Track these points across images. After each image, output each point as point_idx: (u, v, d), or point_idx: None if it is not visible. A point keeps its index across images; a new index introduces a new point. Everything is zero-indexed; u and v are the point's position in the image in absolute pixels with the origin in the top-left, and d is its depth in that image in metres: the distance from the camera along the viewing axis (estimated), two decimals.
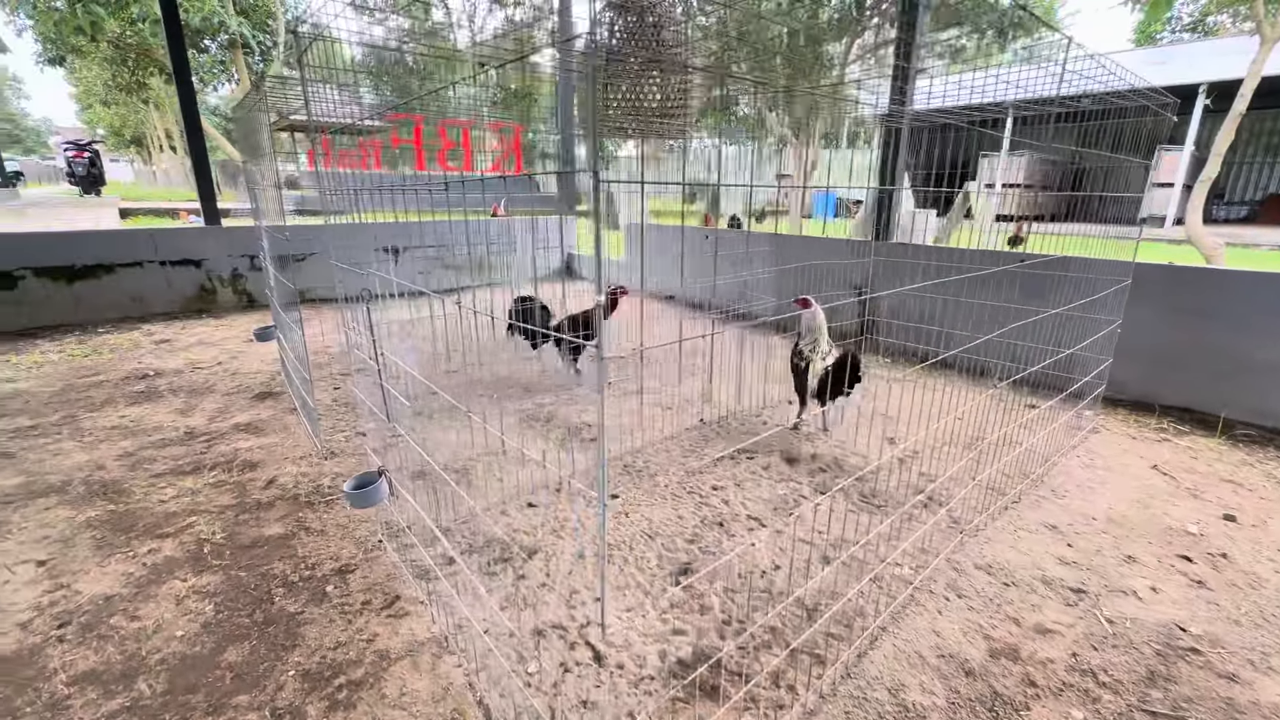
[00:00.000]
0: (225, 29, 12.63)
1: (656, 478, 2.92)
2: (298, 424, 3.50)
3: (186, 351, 4.89)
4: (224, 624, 1.91)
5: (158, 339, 5.23)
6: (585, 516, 2.55)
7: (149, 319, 5.85)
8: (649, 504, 2.69)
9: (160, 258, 5.96)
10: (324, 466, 2.97)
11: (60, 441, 3.19)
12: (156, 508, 2.58)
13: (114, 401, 3.78)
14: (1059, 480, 2.93)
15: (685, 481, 2.88)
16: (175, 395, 3.92)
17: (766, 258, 5.30)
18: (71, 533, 2.39)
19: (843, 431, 3.49)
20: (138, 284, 5.87)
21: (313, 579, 2.14)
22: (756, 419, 3.71)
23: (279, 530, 2.43)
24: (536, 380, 4.34)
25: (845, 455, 3.19)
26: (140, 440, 3.23)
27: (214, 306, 6.31)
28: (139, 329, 5.53)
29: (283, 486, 2.77)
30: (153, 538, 2.36)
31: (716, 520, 2.53)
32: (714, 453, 3.20)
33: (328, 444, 3.21)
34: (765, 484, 2.86)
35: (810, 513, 2.62)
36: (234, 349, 5.00)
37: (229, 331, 5.56)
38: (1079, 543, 2.42)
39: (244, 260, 6.41)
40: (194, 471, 2.91)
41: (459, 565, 2.19)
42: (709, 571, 2.18)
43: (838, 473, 3.02)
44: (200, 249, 6.15)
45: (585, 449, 3.21)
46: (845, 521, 2.54)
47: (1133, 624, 1.97)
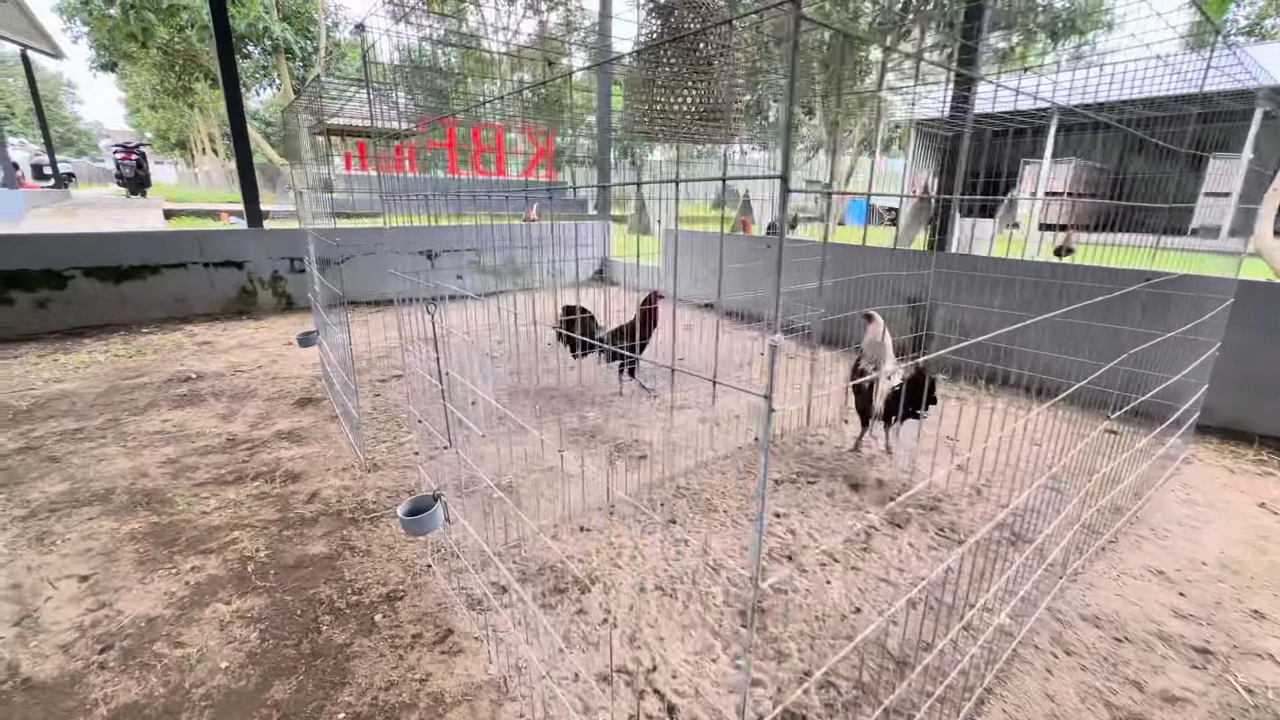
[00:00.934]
0: (269, 35, 12.92)
1: (713, 502, 2.74)
2: (339, 433, 3.41)
3: (228, 354, 4.88)
4: (270, 654, 1.80)
5: (199, 340, 5.24)
6: (643, 544, 2.39)
7: (191, 320, 5.89)
8: (708, 530, 2.52)
9: (204, 259, 6.00)
10: (367, 480, 2.86)
11: (104, 446, 3.15)
12: (199, 520, 2.49)
13: (157, 405, 3.75)
14: (1156, 518, 2.68)
15: (745, 507, 2.70)
16: (217, 399, 3.88)
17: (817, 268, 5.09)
18: (114, 545, 2.31)
19: (907, 455, 3.27)
20: (181, 285, 5.92)
21: (360, 605, 2.01)
22: (812, 438, 3.51)
23: (323, 549, 2.32)
24: (580, 391, 4.21)
25: (914, 482, 2.97)
26: (183, 446, 3.17)
27: (254, 308, 6.33)
28: (181, 330, 5.56)
29: (326, 501, 2.67)
30: (196, 553, 2.27)
31: (785, 553, 2.35)
32: (773, 474, 3.01)
33: (370, 455, 3.11)
34: (832, 512, 2.67)
35: (886, 546, 2.42)
36: (274, 352, 4.98)
37: (269, 334, 5.56)
38: (1193, 592, 2.17)
39: (284, 262, 6.43)
40: (236, 481, 2.83)
41: (513, 595, 2.05)
42: (783, 613, 2.00)
43: (908, 501, 2.81)
44: (242, 251, 6.18)
45: (636, 468, 3.06)
46: (925, 558, 2.33)
47: (1277, 695, 1.73)
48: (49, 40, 14.53)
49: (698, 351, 5.03)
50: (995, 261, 4.32)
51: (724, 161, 2.53)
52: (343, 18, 18.91)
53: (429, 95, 5.10)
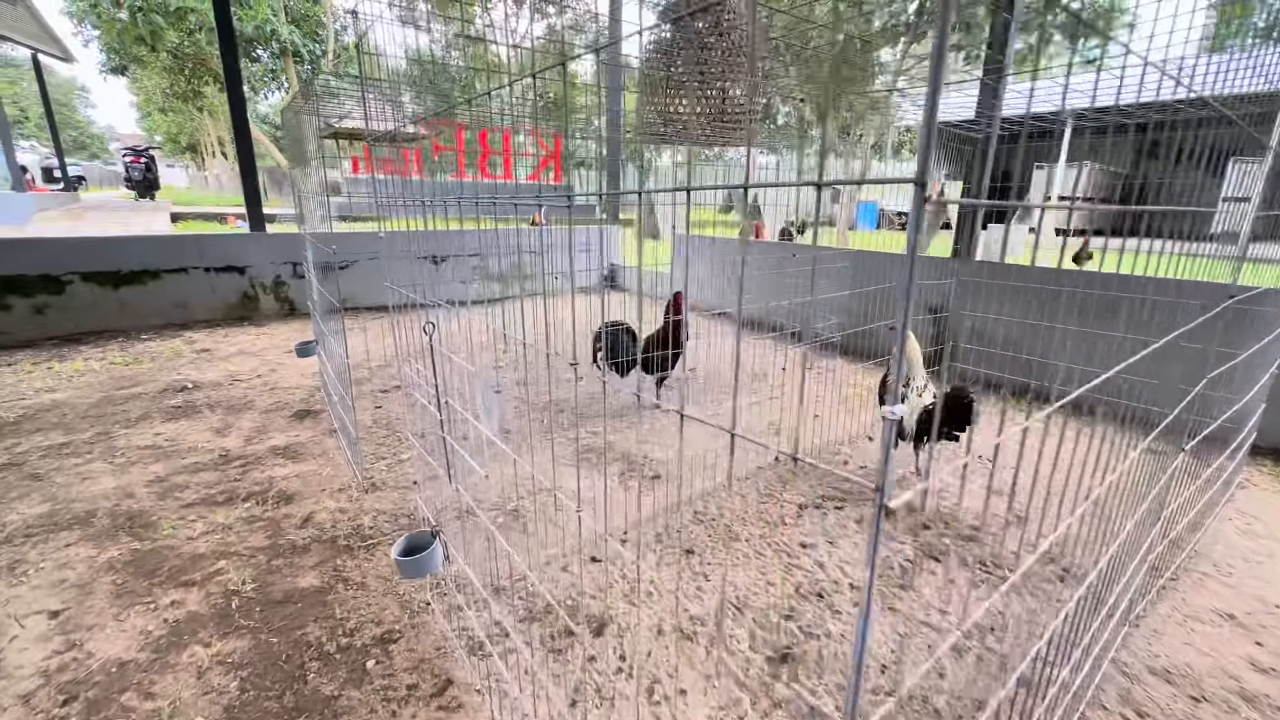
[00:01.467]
0: (277, 38, 12.87)
1: (734, 529, 2.55)
2: (337, 449, 3.25)
3: (227, 362, 4.74)
4: (249, 708, 1.62)
5: (199, 348, 5.11)
6: (660, 579, 2.20)
7: (191, 326, 5.76)
8: (729, 561, 2.33)
9: (205, 264, 5.87)
10: (364, 502, 2.69)
11: (91, 462, 2.99)
12: (184, 547, 2.33)
13: (150, 417, 3.60)
14: (1217, 552, 2.46)
15: (768, 535, 2.51)
16: (212, 411, 3.73)
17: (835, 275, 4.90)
18: (91, 576, 2.15)
19: (938, 477, 3.07)
20: (182, 290, 5.79)
21: (351, 649, 1.84)
22: (835, 456, 3.31)
23: (315, 581, 2.15)
24: (587, 404, 4.03)
25: (949, 508, 2.77)
26: (173, 463, 3.01)
27: (256, 314, 6.20)
28: (181, 336, 5.43)
29: (320, 526, 2.49)
30: (177, 586, 2.11)
31: (814, 590, 2.15)
32: (795, 498, 2.82)
33: (368, 474, 2.94)
34: (862, 542, 2.47)
35: (924, 582, 2.22)
36: (274, 360, 4.83)
37: (270, 340, 5.41)
38: (1271, 641, 1.96)
39: (286, 267, 6.30)
40: (226, 503, 2.66)
41: (517, 640, 1.86)
42: (816, 661, 1.81)
43: (943, 529, 2.61)
44: (244, 255, 6.06)
45: (651, 489, 2.87)
46: (967, 596, 2.13)
47: None
48: (59, 44, 14.56)
49: (705, 363, 4.84)
50: (1026, 270, 4.11)
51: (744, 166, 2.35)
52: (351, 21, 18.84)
53: (434, 96, 4.95)
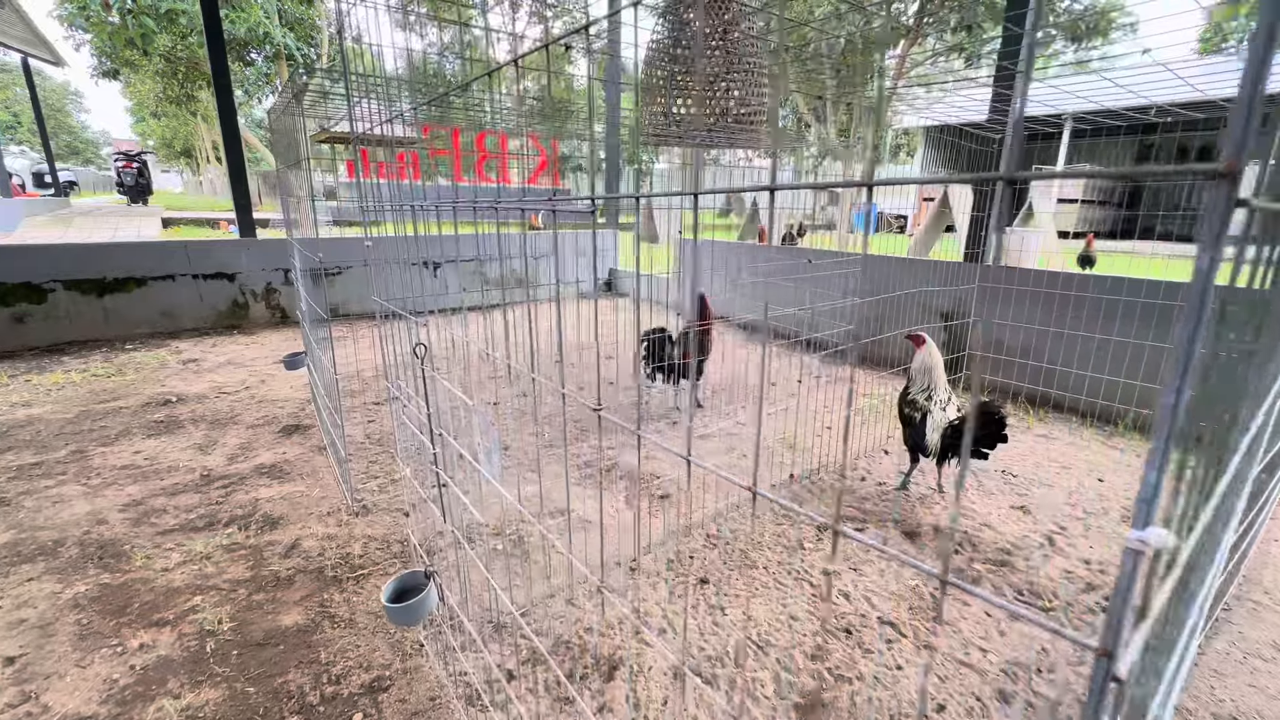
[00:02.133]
0: (270, 41, 12.70)
1: (750, 555, 2.39)
2: (327, 468, 3.07)
3: (214, 373, 4.55)
4: None
5: (185, 358, 4.92)
6: (673, 612, 2.03)
7: (179, 335, 5.58)
8: (747, 592, 2.16)
9: (193, 271, 5.69)
10: (354, 527, 2.52)
11: (63, 484, 2.81)
12: (157, 580, 2.15)
13: (130, 433, 3.42)
14: (1268, 577, 2.31)
15: (787, 562, 2.34)
16: (196, 426, 3.55)
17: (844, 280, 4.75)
18: (54, 615, 1.97)
19: (960, 493, 2.91)
20: (169, 298, 5.61)
21: (337, 700, 1.66)
22: (852, 472, 3.15)
23: (299, 619, 1.97)
24: (588, 417, 3.86)
25: (975, 528, 2.61)
26: (151, 485, 2.83)
27: (246, 322, 6.02)
28: (167, 346, 5.24)
29: (306, 554, 2.32)
30: (147, 626, 1.93)
31: (841, 625, 1.99)
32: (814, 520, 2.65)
33: (359, 496, 2.77)
34: (888, 569, 2.31)
35: (959, 614, 2.06)
36: (264, 371, 4.65)
37: (259, 350, 5.23)
38: None
39: (278, 274, 6.12)
40: (206, 528, 2.49)
41: (519, 689, 1.69)
42: (849, 708, 1.65)
43: (972, 553, 2.45)
44: (234, 262, 5.88)
45: (659, 510, 2.70)
46: (1008, 630, 1.97)
47: None
48: (49, 48, 14.37)
49: (715, 372, 4.69)
50: (1044, 274, 3.96)
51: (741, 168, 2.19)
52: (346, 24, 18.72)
53: (426, 99, 4.80)
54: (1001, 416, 2.47)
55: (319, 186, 3.51)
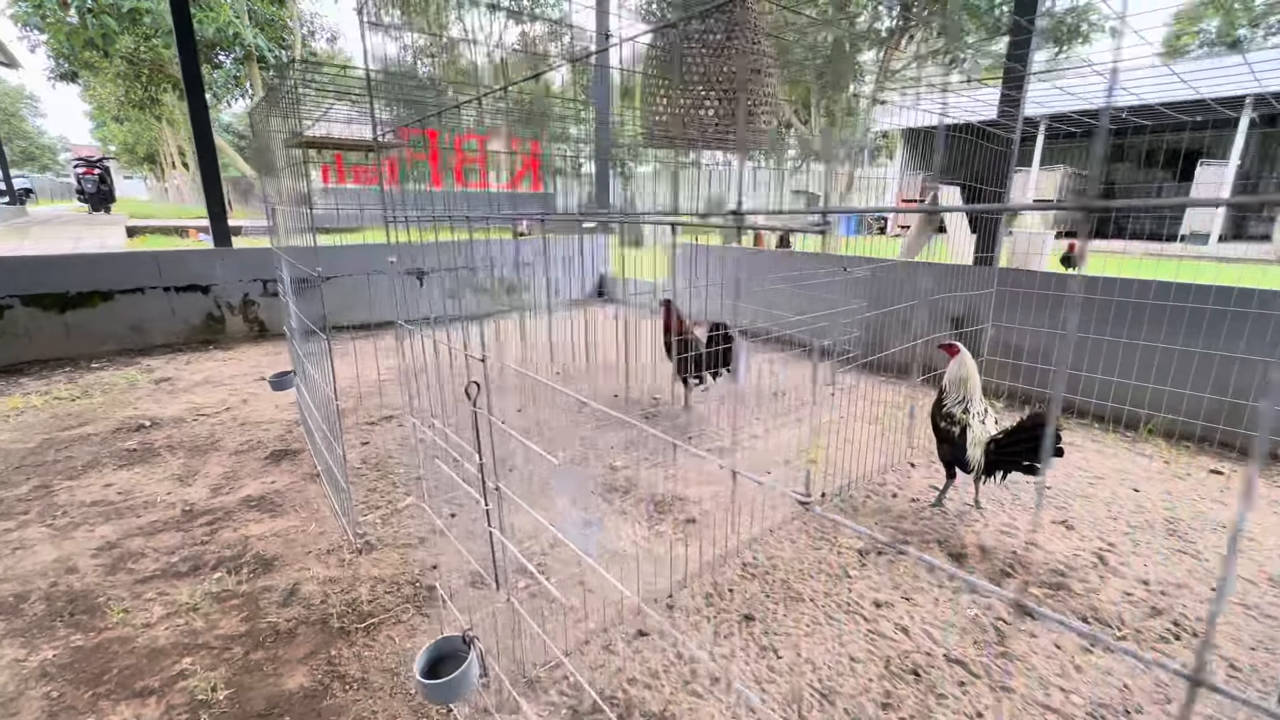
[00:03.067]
0: (240, 41, 12.23)
1: (794, 585, 2.22)
2: (321, 497, 2.83)
3: (190, 393, 4.25)
4: None
5: (158, 377, 4.60)
6: (721, 655, 1.85)
7: (149, 352, 5.23)
8: (798, 630, 1.99)
9: (164, 283, 5.35)
10: (359, 567, 2.29)
11: (25, 527, 2.52)
12: (138, 639, 1.90)
13: (100, 464, 3.13)
14: None
15: (834, 591, 2.18)
16: (174, 454, 3.27)
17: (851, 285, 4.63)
18: (17, 688, 1.71)
19: (997, 507, 2.79)
20: (138, 312, 5.26)
21: None
22: (882, 488, 3.01)
23: (304, 681, 1.75)
24: (595, 433, 3.67)
25: (1022, 548, 2.48)
26: (126, 524, 2.56)
27: (222, 337, 5.68)
28: (137, 364, 4.90)
29: (307, 602, 2.09)
30: (129, 696, 1.68)
31: (906, 666, 1.83)
32: (852, 541, 2.50)
33: (361, 529, 2.54)
34: (941, 596, 2.16)
35: (1028, 648, 1.92)
36: (244, 390, 4.36)
37: (238, 367, 4.93)
38: None
39: (255, 285, 5.81)
40: (192, 574, 2.24)
41: None
42: None
43: (1024, 573, 2.32)
44: (208, 273, 5.55)
45: (687, 535, 2.52)
46: (1083, 665, 1.84)
47: None
48: (3, 49, 13.68)
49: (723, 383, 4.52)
50: (1059, 278, 3.89)
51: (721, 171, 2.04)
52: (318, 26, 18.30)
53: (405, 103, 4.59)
54: (1055, 431, 2.35)
55: (298, 193, 3.26)
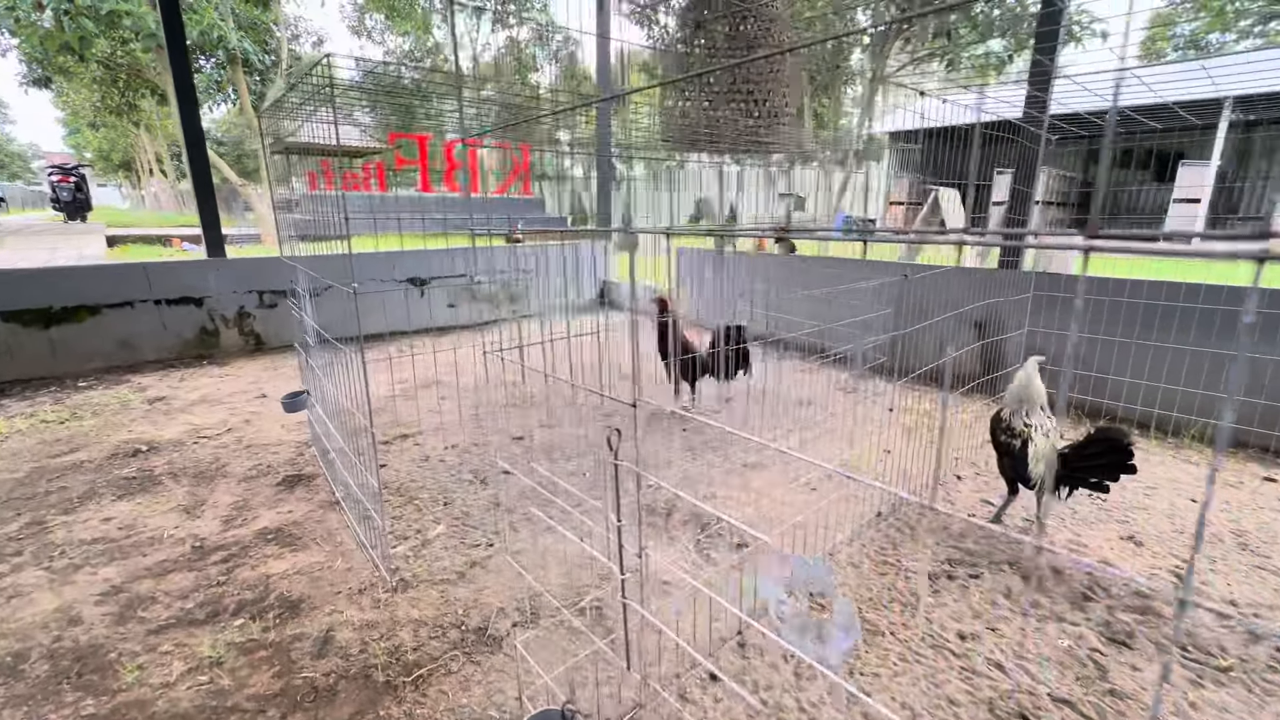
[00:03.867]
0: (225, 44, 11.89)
1: (869, 617, 2.07)
2: (343, 527, 2.63)
3: (187, 413, 4.01)
4: None
5: (151, 396, 4.34)
6: (809, 702, 1.69)
7: (140, 369, 4.96)
8: (885, 669, 1.84)
9: (155, 295, 5.09)
10: (396, 608, 2.10)
11: (19, 571, 2.29)
12: (158, 703, 1.70)
13: (97, 495, 2.89)
14: None
15: (911, 621, 2.04)
16: (176, 482, 3.04)
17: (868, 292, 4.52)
18: None
19: (1058, 522, 2.67)
20: (127, 327, 4.99)
21: None
22: (942, 499, 2.88)
23: None
24: None
25: (1097, 568, 2.36)
26: (132, 564, 2.34)
27: (217, 351, 5.43)
28: (128, 382, 4.64)
29: (345, 651, 1.89)
30: None
31: (1011, 709, 1.69)
32: (916, 563, 2.36)
33: (393, 563, 2.34)
34: (1026, 624, 2.02)
35: (1132, 683, 1.78)
36: (246, 408, 4.12)
37: (236, 383, 4.68)
38: None
39: (251, 296, 5.56)
40: (211, 620, 2.03)
41: None
42: None
43: (1105, 596, 2.19)
44: (201, 285, 5.30)
45: (742, 561, 2.36)
46: (1201, 704, 1.71)
47: None
48: None
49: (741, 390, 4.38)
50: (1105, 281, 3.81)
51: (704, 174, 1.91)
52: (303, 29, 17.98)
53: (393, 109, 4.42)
54: (1129, 443, 2.23)
55: (280, 199, 3.07)
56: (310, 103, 2.33)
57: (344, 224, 1.90)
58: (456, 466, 3.24)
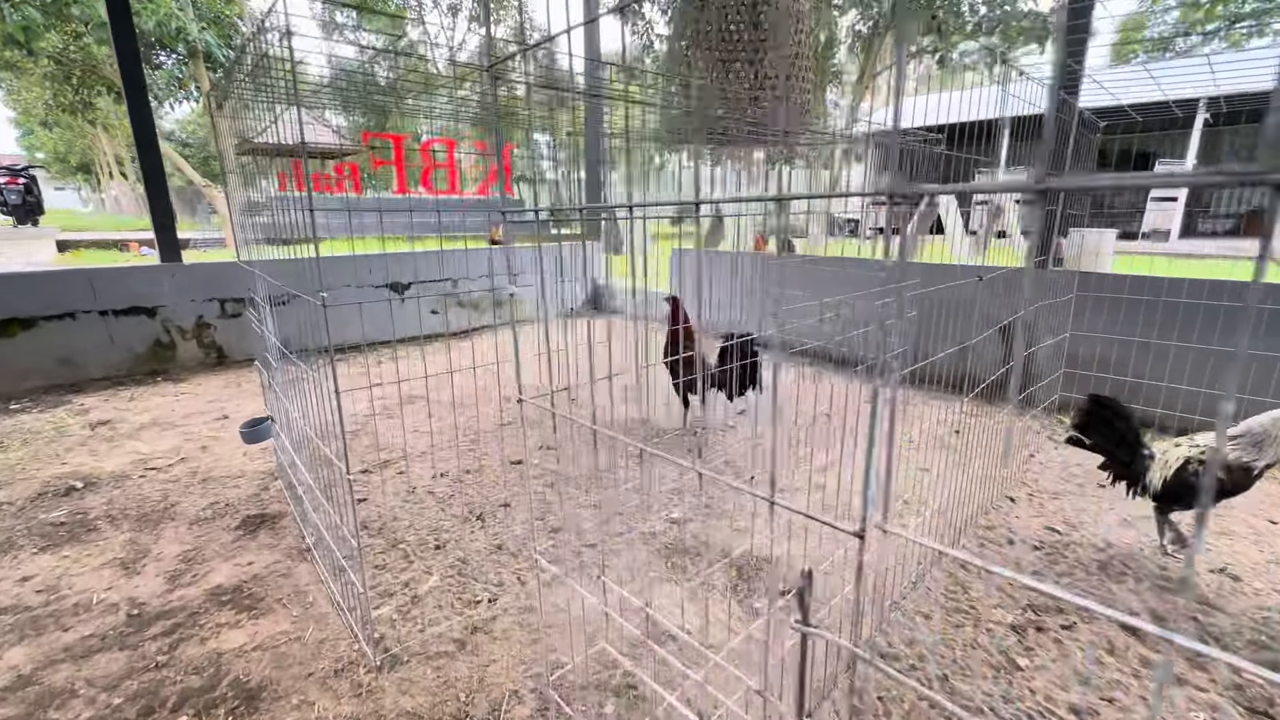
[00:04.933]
0: (185, 37, 11.19)
1: (959, 688, 1.73)
2: (315, 583, 2.20)
3: (135, 440, 3.52)
4: None
5: (94, 420, 3.84)
6: None
7: (83, 388, 4.43)
8: None
9: (100, 306, 4.57)
10: (383, 695, 1.69)
11: None
12: None
13: (14, 547, 2.42)
14: None
15: (1011, 693, 1.69)
16: (115, 527, 2.58)
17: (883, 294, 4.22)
18: None
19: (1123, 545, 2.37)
20: (68, 342, 4.46)
21: None
22: (992, 532, 2.56)
23: None
24: (628, 471, 3.12)
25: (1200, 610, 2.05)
26: (48, 643, 1.89)
27: (173, 366, 4.91)
28: (68, 404, 4.12)
29: None
30: None
31: None
32: (993, 611, 2.03)
33: (376, 629, 1.93)
34: (1143, 687, 1.69)
35: None
36: (203, 432, 3.65)
37: (194, 402, 4.19)
38: None
39: (211, 305, 5.06)
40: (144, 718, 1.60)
41: None
42: None
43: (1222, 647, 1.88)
44: (154, 293, 4.78)
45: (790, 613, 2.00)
46: None
47: None
48: None
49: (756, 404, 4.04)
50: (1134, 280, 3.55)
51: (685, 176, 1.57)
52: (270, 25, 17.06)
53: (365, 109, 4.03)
54: None
55: (244, 202, 2.65)
56: (265, 94, 1.94)
57: (310, 222, 1.50)
58: (448, 500, 2.83)
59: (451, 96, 3.85)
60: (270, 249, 2.27)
